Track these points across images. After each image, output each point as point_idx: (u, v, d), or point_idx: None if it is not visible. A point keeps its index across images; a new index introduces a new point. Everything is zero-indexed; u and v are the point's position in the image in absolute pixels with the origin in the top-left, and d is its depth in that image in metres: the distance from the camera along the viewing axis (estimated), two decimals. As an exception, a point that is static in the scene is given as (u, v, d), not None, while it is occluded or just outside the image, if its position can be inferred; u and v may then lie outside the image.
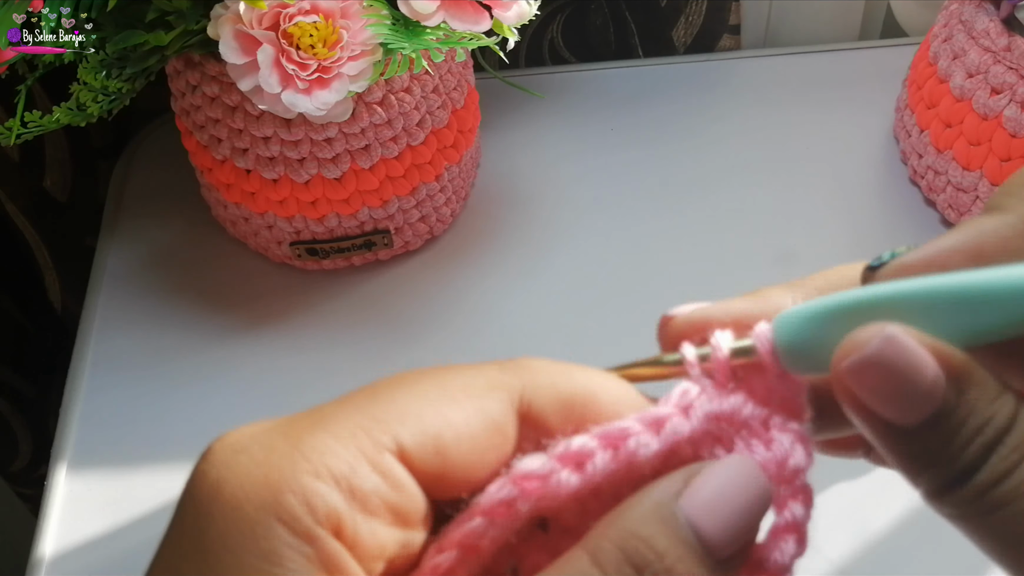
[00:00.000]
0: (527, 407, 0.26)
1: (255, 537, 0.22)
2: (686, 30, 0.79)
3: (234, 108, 0.58)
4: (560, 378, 0.26)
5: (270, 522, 0.22)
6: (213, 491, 0.23)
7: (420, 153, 0.62)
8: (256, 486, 0.23)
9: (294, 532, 0.22)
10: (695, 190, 0.71)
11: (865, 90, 0.75)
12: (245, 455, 0.23)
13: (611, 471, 0.25)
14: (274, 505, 0.22)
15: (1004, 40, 0.59)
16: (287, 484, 0.22)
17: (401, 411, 0.24)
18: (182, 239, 0.70)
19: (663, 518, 0.23)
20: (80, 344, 0.65)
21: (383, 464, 0.24)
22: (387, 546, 0.24)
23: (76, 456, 0.60)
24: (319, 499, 0.23)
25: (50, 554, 0.56)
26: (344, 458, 0.23)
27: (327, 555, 0.22)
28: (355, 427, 0.24)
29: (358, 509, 0.23)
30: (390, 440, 0.24)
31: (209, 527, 0.22)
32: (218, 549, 0.22)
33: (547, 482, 0.24)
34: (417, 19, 0.52)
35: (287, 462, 0.23)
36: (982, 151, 0.62)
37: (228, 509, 0.22)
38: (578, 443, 0.25)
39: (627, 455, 0.25)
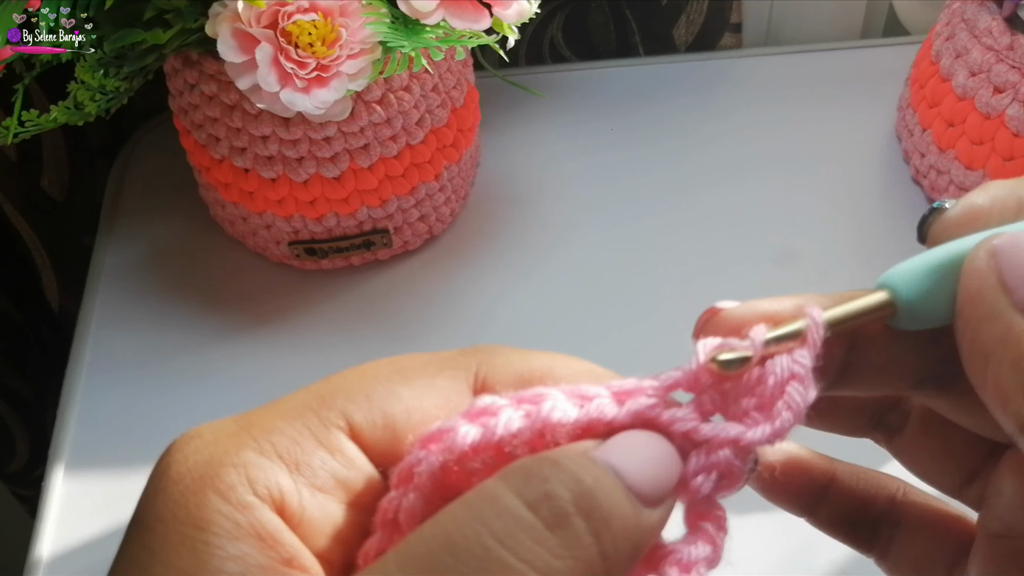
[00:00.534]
0: (482, 385, 0.26)
1: (187, 506, 0.22)
2: (687, 29, 0.78)
3: (232, 107, 0.57)
4: (517, 357, 0.26)
5: (205, 492, 0.22)
6: (161, 473, 0.23)
7: (419, 152, 0.61)
8: (199, 464, 0.23)
9: (226, 500, 0.22)
10: (696, 189, 0.70)
11: (867, 89, 0.75)
12: (197, 439, 0.24)
13: (522, 432, 0.24)
14: (212, 477, 0.23)
15: (1007, 39, 0.58)
16: (229, 459, 0.23)
17: (350, 389, 0.25)
18: (180, 239, 0.70)
19: (583, 450, 0.23)
20: (77, 344, 0.65)
21: (330, 439, 0.24)
22: (341, 525, 0.24)
23: (74, 457, 0.60)
24: (260, 472, 0.23)
25: (48, 555, 0.56)
26: (289, 435, 0.23)
27: (261, 525, 0.22)
28: (302, 407, 0.24)
29: (305, 484, 0.23)
30: (337, 415, 0.24)
31: (153, 505, 0.23)
32: (153, 522, 0.22)
33: (447, 437, 0.24)
34: (416, 17, 0.52)
35: (233, 441, 0.23)
36: (984, 150, 0.61)
37: (170, 484, 0.23)
38: (486, 400, 0.24)
39: (539, 418, 0.24)
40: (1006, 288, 0.23)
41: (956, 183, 0.64)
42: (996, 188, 0.26)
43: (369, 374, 0.25)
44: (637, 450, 0.23)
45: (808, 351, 0.25)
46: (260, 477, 0.23)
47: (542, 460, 0.22)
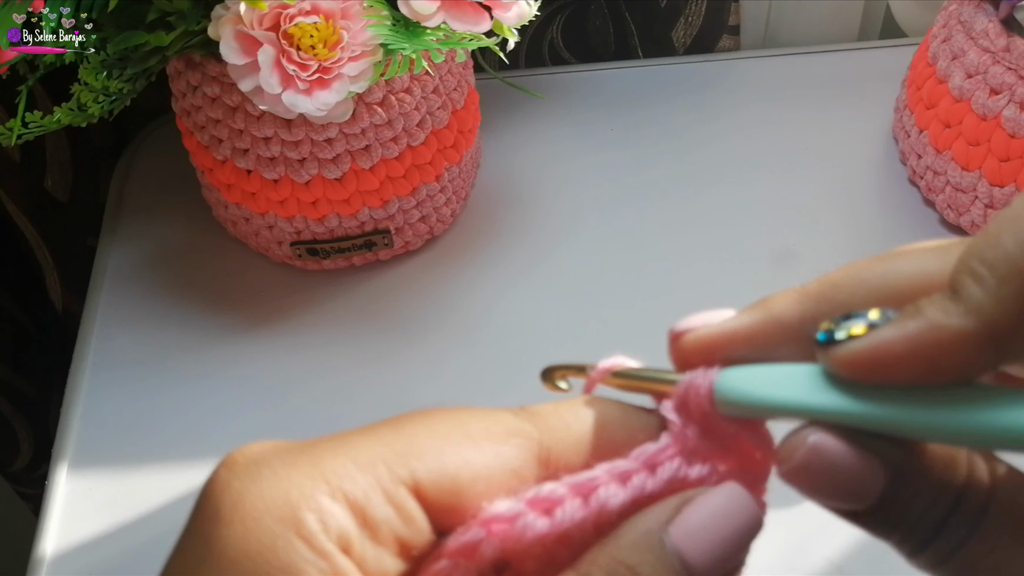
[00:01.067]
0: (548, 453, 0.26)
1: (275, 549, 0.23)
2: (685, 31, 0.79)
3: (235, 108, 0.58)
4: (572, 419, 0.27)
5: (290, 536, 0.23)
6: (235, 500, 0.23)
7: (420, 153, 0.62)
8: (277, 500, 0.23)
9: (311, 548, 0.23)
10: (694, 190, 0.71)
11: (864, 90, 0.75)
12: (268, 469, 0.24)
13: (580, 519, 0.25)
14: (294, 520, 0.23)
15: (1003, 40, 0.59)
16: (306, 502, 0.23)
17: (421, 447, 0.25)
18: (183, 239, 0.70)
19: (650, 545, 0.24)
20: (81, 344, 0.65)
21: (397, 496, 0.24)
22: (389, 574, 0.24)
23: (77, 455, 0.60)
24: (333, 520, 0.23)
25: (51, 554, 0.56)
26: (361, 484, 0.24)
27: (340, 572, 0.23)
28: (375, 456, 0.24)
29: (368, 535, 0.24)
30: (407, 474, 0.24)
31: (230, 534, 0.23)
32: (238, 556, 0.23)
33: (514, 525, 0.25)
34: (417, 20, 0.52)
35: (308, 480, 0.24)
36: (981, 151, 0.62)
37: (249, 519, 0.23)
38: (548, 489, 0.25)
39: (597, 504, 0.25)
40: None
41: (952, 184, 0.64)
42: None
43: (440, 431, 0.26)
44: (709, 529, 0.24)
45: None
46: (333, 525, 0.23)
47: (618, 565, 0.23)
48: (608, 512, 0.25)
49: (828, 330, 0.23)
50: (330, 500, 0.23)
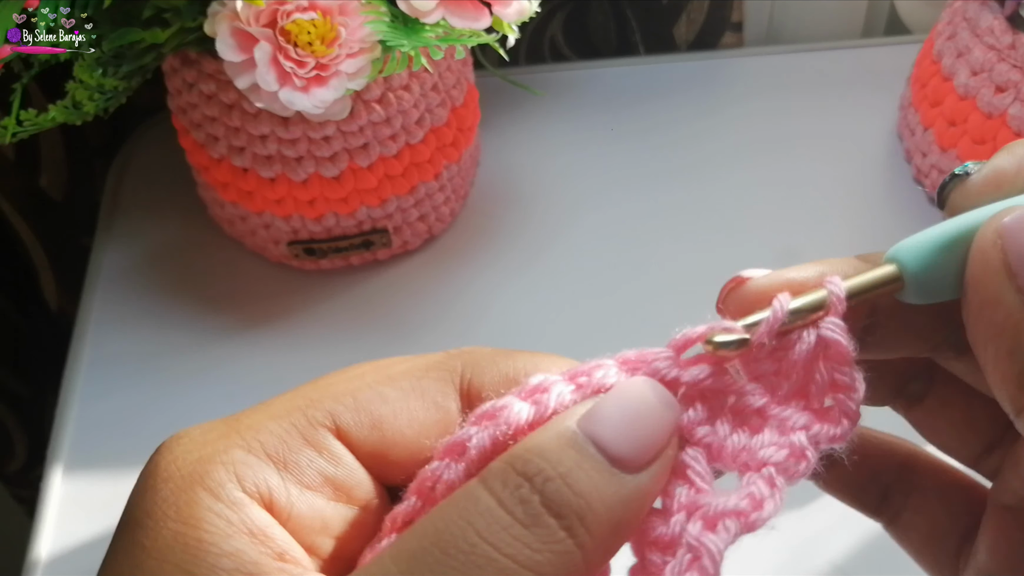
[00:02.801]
0: (467, 385, 0.26)
1: (178, 504, 0.23)
2: (688, 28, 0.78)
3: (231, 106, 0.57)
4: (502, 359, 0.27)
5: (195, 490, 0.23)
6: (151, 472, 0.24)
7: (419, 152, 0.61)
8: (189, 463, 0.24)
9: (216, 498, 0.23)
10: (696, 188, 0.70)
11: (868, 88, 0.75)
12: (186, 439, 0.25)
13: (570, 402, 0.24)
14: (201, 475, 0.23)
15: (1008, 38, 0.58)
16: (218, 457, 0.24)
17: (337, 391, 0.26)
18: (178, 238, 0.70)
19: (559, 434, 0.23)
20: (76, 344, 0.65)
21: (317, 438, 0.25)
22: (331, 521, 0.25)
23: (72, 457, 0.60)
24: (248, 470, 0.24)
25: (46, 556, 0.56)
26: (277, 434, 0.24)
27: (252, 521, 0.23)
28: (290, 407, 0.25)
29: (293, 482, 0.24)
30: (324, 415, 0.25)
31: (142, 502, 0.24)
32: (144, 519, 0.23)
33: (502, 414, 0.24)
34: (416, 16, 0.52)
35: (221, 439, 0.24)
36: (986, 150, 0.61)
37: (160, 483, 0.24)
38: (537, 379, 0.25)
39: (591, 386, 0.25)
40: (1010, 273, 0.23)
41: (958, 183, 0.64)
42: (1022, 148, 0.25)
43: (356, 376, 0.26)
44: (620, 413, 0.24)
45: (837, 318, 0.25)
46: (248, 475, 0.24)
47: (516, 458, 0.23)
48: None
49: (962, 167, 0.25)
50: (244, 452, 0.24)
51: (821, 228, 0.67)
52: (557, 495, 0.22)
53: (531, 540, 0.22)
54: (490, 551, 0.22)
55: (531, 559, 0.22)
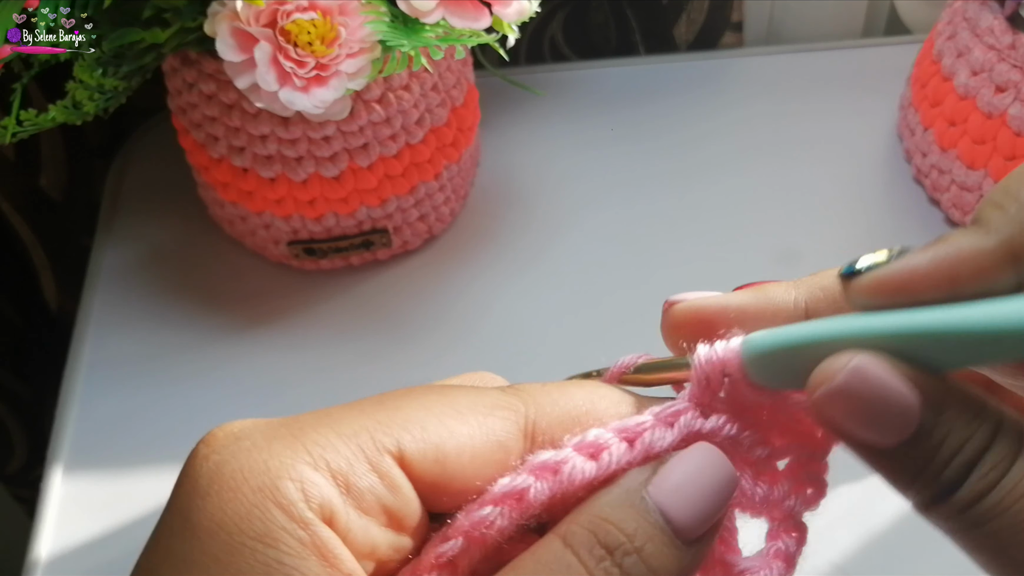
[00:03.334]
0: (533, 426, 0.26)
1: (251, 519, 0.22)
2: (688, 27, 0.78)
3: (231, 106, 0.57)
4: (559, 395, 0.27)
5: (267, 505, 0.23)
6: (213, 473, 0.23)
7: (419, 152, 0.61)
8: (255, 471, 0.23)
9: (290, 517, 0.23)
10: (696, 188, 0.70)
11: (868, 88, 0.74)
12: (248, 441, 0.24)
13: (626, 462, 0.25)
14: (272, 489, 0.23)
15: (1008, 38, 0.58)
16: (286, 471, 0.23)
17: (405, 418, 0.25)
18: (178, 238, 0.69)
19: (632, 503, 0.24)
20: (76, 344, 0.65)
21: (382, 465, 0.24)
22: (379, 547, 0.25)
23: (72, 457, 0.60)
24: (315, 488, 0.23)
25: (46, 556, 0.56)
26: (344, 454, 0.24)
27: (321, 542, 0.23)
28: (358, 427, 0.25)
29: (352, 505, 0.24)
30: (391, 443, 0.24)
31: (205, 506, 0.23)
32: (213, 528, 0.23)
33: (561, 470, 0.25)
34: (416, 16, 0.52)
35: (288, 451, 0.24)
36: (986, 149, 0.61)
37: (226, 490, 0.23)
38: (594, 434, 0.25)
39: (643, 448, 0.25)
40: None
41: (958, 183, 0.64)
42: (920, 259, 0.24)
43: (423, 405, 0.26)
44: (688, 485, 0.25)
45: None
46: (315, 494, 0.23)
47: (597, 526, 0.24)
48: (655, 456, 0.25)
49: (851, 264, 0.24)
50: (311, 470, 0.23)
51: (821, 228, 0.67)
52: (634, 569, 0.23)
53: None
54: None
55: None
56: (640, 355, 0.28)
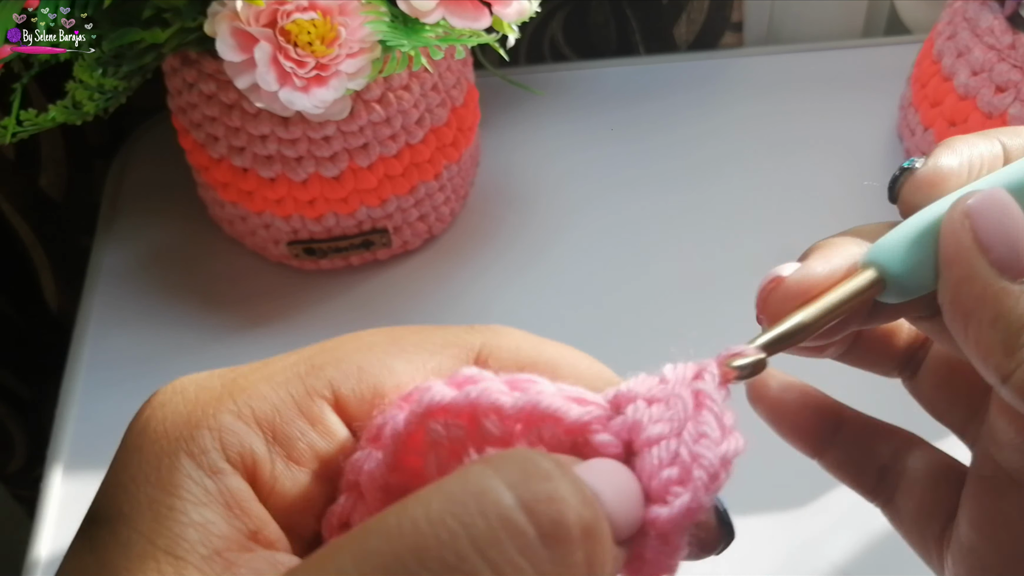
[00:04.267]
0: (484, 365, 0.25)
1: (159, 468, 0.22)
2: (688, 27, 0.78)
3: (231, 106, 0.57)
4: (527, 344, 0.26)
5: (178, 455, 0.22)
6: (142, 428, 0.23)
7: (419, 152, 0.61)
8: (178, 423, 0.23)
9: (198, 465, 0.22)
10: (696, 189, 0.70)
11: (868, 88, 0.74)
12: (180, 395, 0.23)
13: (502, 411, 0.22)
14: (186, 440, 0.22)
15: (1008, 38, 0.58)
16: (205, 421, 0.22)
17: (342, 359, 0.24)
18: (178, 238, 0.69)
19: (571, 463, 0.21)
20: (76, 344, 0.64)
21: (313, 410, 0.23)
22: (316, 500, 0.23)
23: (72, 457, 0.60)
24: (234, 437, 0.22)
25: (46, 557, 0.56)
26: (271, 401, 0.23)
27: (230, 492, 0.22)
28: (291, 372, 0.23)
29: (280, 455, 0.23)
30: (324, 385, 0.23)
31: (129, 462, 0.22)
32: (128, 482, 0.22)
33: (418, 394, 0.23)
34: (416, 16, 0.52)
35: (214, 402, 0.23)
36: (987, 150, 0.61)
37: (147, 443, 0.23)
38: (472, 370, 0.23)
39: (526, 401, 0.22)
40: (982, 248, 0.24)
41: (958, 183, 0.64)
42: (962, 145, 0.26)
43: (365, 344, 0.24)
44: (617, 482, 0.21)
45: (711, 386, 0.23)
46: (235, 442, 0.22)
47: (542, 456, 0.19)
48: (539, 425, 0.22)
49: (909, 161, 0.27)
50: (233, 418, 0.22)
51: (821, 228, 0.66)
52: (591, 518, 0.18)
53: (545, 561, 0.18)
54: (483, 569, 0.17)
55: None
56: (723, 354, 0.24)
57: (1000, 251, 0.24)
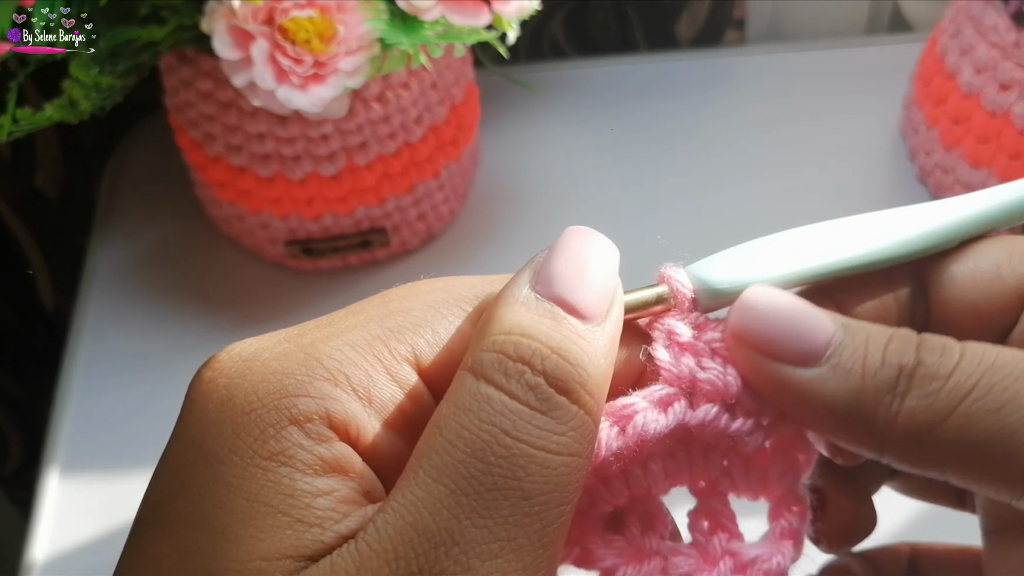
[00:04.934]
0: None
1: (265, 438, 0.22)
2: (690, 25, 0.78)
3: (228, 104, 0.57)
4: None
5: (283, 423, 0.22)
6: (224, 398, 0.23)
7: (418, 150, 0.61)
8: (271, 392, 0.22)
9: (307, 434, 0.22)
10: (698, 187, 0.70)
11: (871, 86, 0.74)
12: (257, 362, 0.23)
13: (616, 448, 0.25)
14: (288, 409, 0.22)
15: (1012, 36, 0.58)
16: (303, 388, 0.22)
17: (415, 320, 0.25)
18: (175, 238, 0.69)
19: (527, 307, 0.23)
20: (72, 345, 0.64)
21: (401, 374, 0.24)
22: (405, 458, 0.23)
23: (68, 459, 0.59)
24: (336, 405, 0.23)
25: (42, 558, 0.56)
26: (362, 367, 0.23)
27: (345, 458, 0.22)
28: (371, 336, 0.24)
29: (377, 419, 0.23)
30: (407, 350, 0.24)
31: (219, 434, 0.22)
32: (226, 453, 0.22)
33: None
34: (415, 14, 0.52)
35: (303, 368, 0.23)
36: (990, 148, 0.61)
37: (239, 414, 0.22)
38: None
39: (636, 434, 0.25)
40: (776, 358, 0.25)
41: (961, 182, 0.63)
42: None
43: (429, 303, 0.25)
44: (570, 269, 0.24)
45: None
46: (338, 409, 0.23)
47: (504, 343, 0.23)
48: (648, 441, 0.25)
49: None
50: (331, 386, 0.23)
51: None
52: (559, 371, 0.22)
53: (554, 425, 0.22)
54: (525, 449, 0.22)
55: (560, 444, 0.22)
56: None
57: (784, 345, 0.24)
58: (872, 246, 0.28)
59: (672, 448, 0.26)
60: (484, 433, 0.22)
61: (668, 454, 0.26)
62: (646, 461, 0.26)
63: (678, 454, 0.26)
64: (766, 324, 0.24)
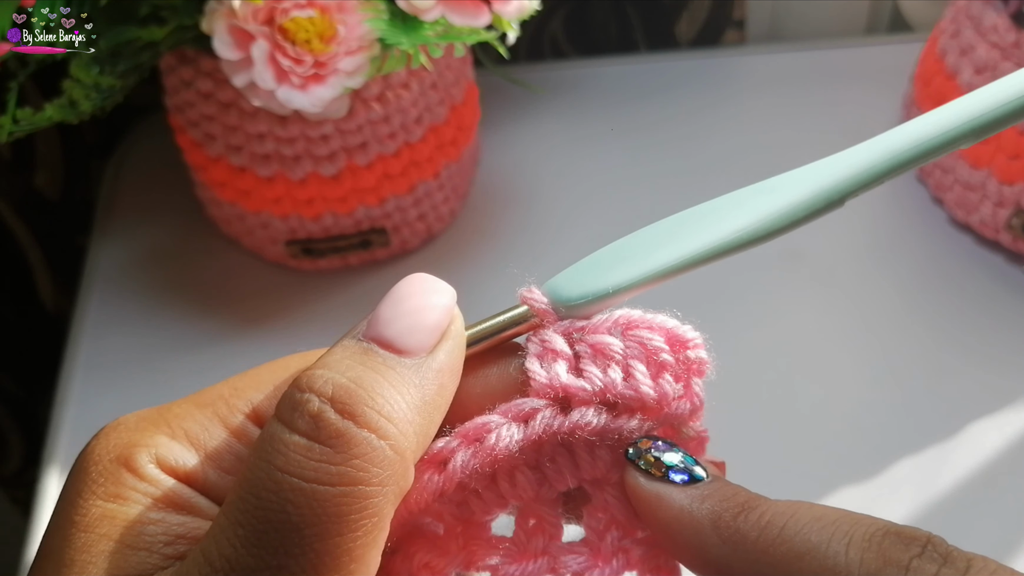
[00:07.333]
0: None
1: (105, 483, 0.25)
2: (690, 25, 0.78)
3: (228, 105, 0.57)
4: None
5: (119, 470, 0.25)
6: (87, 453, 0.26)
7: (418, 150, 0.61)
8: (118, 446, 0.26)
9: (140, 477, 0.25)
10: (698, 187, 0.70)
11: (871, 86, 0.74)
12: (123, 426, 0.27)
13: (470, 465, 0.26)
14: (127, 458, 0.26)
15: (1012, 36, 0.58)
16: (143, 441, 0.26)
17: (260, 380, 0.28)
18: (175, 238, 0.69)
19: (342, 347, 0.26)
20: (72, 345, 0.64)
21: (237, 425, 0.27)
22: None
23: (68, 459, 0.59)
24: (168, 451, 0.26)
25: (41, 559, 0.55)
26: (200, 421, 0.27)
27: (175, 493, 0.26)
28: (215, 396, 0.28)
29: (211, 465, 0.26)
30: (245, 403, 0.27)
31: (75, 482, 0.26)
32: (74, 497, 0.25)
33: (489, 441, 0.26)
34: (415, 14, 0.52)
35: (151, 427, 0.27)
36: (990, 149, 0.61)
37: (90, 464, 0.26)
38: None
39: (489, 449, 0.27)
40: None
41: (961, 182, 0.63)
42: None
43: (281, 366, 0.29)
44: (396, 311, 0.27)
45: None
46: (170, 457, 0.26)
47: (300, 378, 0.25)
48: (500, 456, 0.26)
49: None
50: (167, 439, 0.26)
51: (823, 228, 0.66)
52: (345, 395, 0.24)
53: (331, 455, 0.23)
54: (294, 482, 0.23)
55: (337, 474, 0.23)
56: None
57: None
58: (710, 237, 0.30)
59: (553, 452, 0.27)
60: (259, 470, 0.23)
61: (551, 459, 0.27)
62: (513, 471, 0.27)
63: (559, 458, 0.27)
64: None
